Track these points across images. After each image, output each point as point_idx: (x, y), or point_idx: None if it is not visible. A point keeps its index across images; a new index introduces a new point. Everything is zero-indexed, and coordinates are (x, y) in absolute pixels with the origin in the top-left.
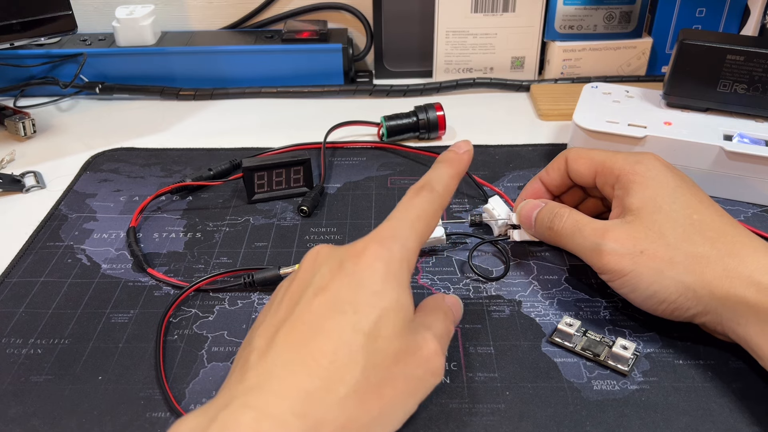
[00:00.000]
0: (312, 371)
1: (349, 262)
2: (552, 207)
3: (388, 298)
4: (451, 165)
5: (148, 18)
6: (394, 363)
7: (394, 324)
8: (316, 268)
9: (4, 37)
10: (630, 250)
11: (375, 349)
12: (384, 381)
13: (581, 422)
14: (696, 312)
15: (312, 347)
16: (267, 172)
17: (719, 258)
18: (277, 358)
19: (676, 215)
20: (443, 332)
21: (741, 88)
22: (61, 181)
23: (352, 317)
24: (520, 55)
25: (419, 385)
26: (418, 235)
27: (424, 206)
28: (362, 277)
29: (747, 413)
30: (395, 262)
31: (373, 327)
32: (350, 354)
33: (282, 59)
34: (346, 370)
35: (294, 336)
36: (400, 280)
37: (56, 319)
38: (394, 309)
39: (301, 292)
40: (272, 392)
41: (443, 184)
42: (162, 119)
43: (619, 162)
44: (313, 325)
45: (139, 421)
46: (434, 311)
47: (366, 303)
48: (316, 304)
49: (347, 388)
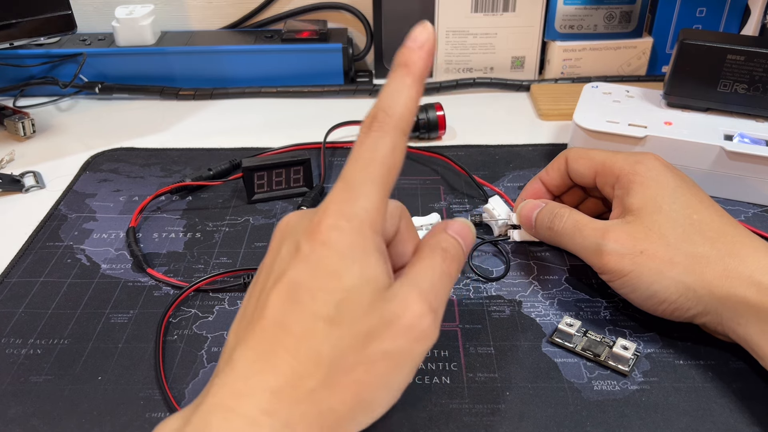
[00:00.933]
0: (276, 368)
1: (305, 243)
2: (552, 207)
3: (349, 275)
4: (408, 72)
5: (147, 18)
6: (366, 343)
7: (360, 302)
8: (276, 252)
9: (3, 36)
10: (630, 250)
11: (340, 335)
12: (356, 366)
13: (581, 422)
14: (696, 312)
15: (273, 343)
16: (267, 172)
17: (719, 258)
18: (241, 356)
19: (676, 215)
20: (435, 282)
21: (741, 88)
22: (61, 181)
23: (310, 306)
24: (521, 55)
25: (404, 357)
26: (379, 184)
27: (379, 145)
28: (317, 258)
29: (747, 413)
30: (354, 231)
31: (334, 312)
32: (313, 346)
33: (282, 59)
34: (311, 363)
35: (257, 332)
36: (364, 248)
37: (56, 319)
38: (357, 286)
39: (265, 281)
40: (239, 391)
41: (400, 104)
42: (162, 119)
43: (619, 162)
44: (272, 320)
45: (138, 421)
46: (429, 255)
47: (323, 287)
48: (275, 295)
49: (315, 382)
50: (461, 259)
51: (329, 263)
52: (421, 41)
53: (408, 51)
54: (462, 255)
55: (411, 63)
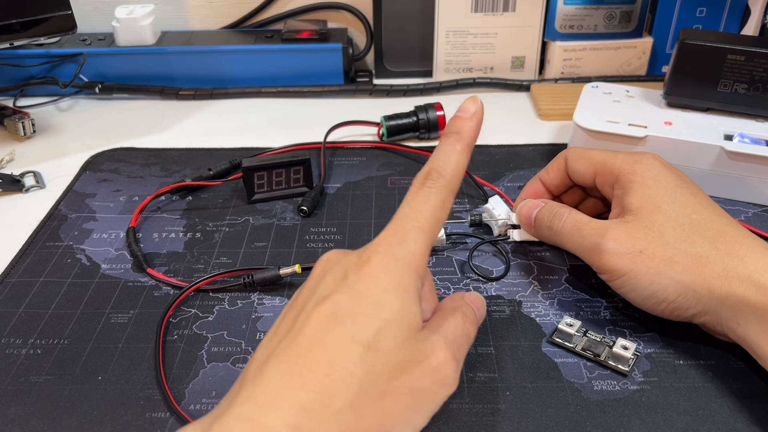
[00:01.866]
0: (307, 383)
1: (353, 273)
2: (551, 207)
3: (390, 307)
4: (459, 138)
5: (147, 18)
6: (396, 375)
7: (396, 334)
8: (321, 278)
9: (3, 36)
10: (629, 249)
11: (374, 361)
12: (384, 394)
13: (582, 422)
14: (695, 312)
15: (309, 359)
16: (267, 172)
17: (719, 258)
18: (273, 369)
19: (675, 215)
20: (458, 337)
21: (741, 87)
22: (61, 181)
23: (350, 328)
24: (521, 55)
25: (426, 398)
26: (426, 233)
27: (430, 199)
28: (363, 288)
29: (747, 413)
30: (400, 270)
31: (372, 338)
32: (347, 366)
33: (282, 59)
34: (343, 382)
35: (292, 348)
36: (406, 288)
37: (56, 319)
38: (397, 319)
39: (305, 303)
40: (266, 404)
41: (451, 166)
42: (162, 119)
43: (618, 162)
44: (311, 337)
45: (139, 421)
46: (451, 314)
47: (365, 314)
48: (316, 315)
49: (344, 402)
50: (477, 326)
51: (373, 293)
52: (471, 112)
53: (459, 121)
54: (477, 322)
55: (462, 132)
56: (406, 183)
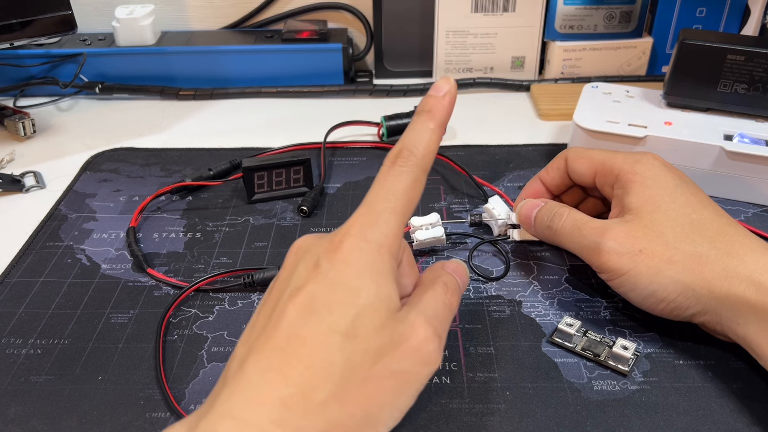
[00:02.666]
0: (288, 378)
1: (325, 260)
2: (551, 206)
3: (366, 293)
4: (431, 117)
5: (147, 18)
6: (376, 360)
7: (374, 319)
8: (294, 268)
9: (3, 36)
10: (629, 249)
11: (353, 349)
12: (366, 381)
13: (581, 422)
14: (695, 311)
15: (287, 353)
16: (267, 172)
17: (718, 257)
18: (254, 366)
19: (675, 214)
20: (439, 311)
21: (741, 88)
22: (61, 181)
23: (327, 318)
24: (521, 55)
25: (410, 378)
26: (398, 213)
27: (402, 178)
28: (337, 275)
29: (747, 413)
30: (373, 252)
31: (350, 326)
32: (326, 357)
33: (282, 59)
34: (323, 374)
35: (270, 343)
36: (381, 270)
37: (56, 319)
38: (373, 303)
39: (279, 295)
40: (249, 400)
41: (423, 144)
42: (162, 119)
43: (618, 162)
44: (288, 330)
45: (139, 421)
46: (431, 286)
47: (341, 301)
48: (291, 307)
49: (325, 393)
50: (459, 295)
51: (348, 280)
52: (444, 91)
53: (432, 99)
54: (459, 291)
55: (435, 110)
56: None
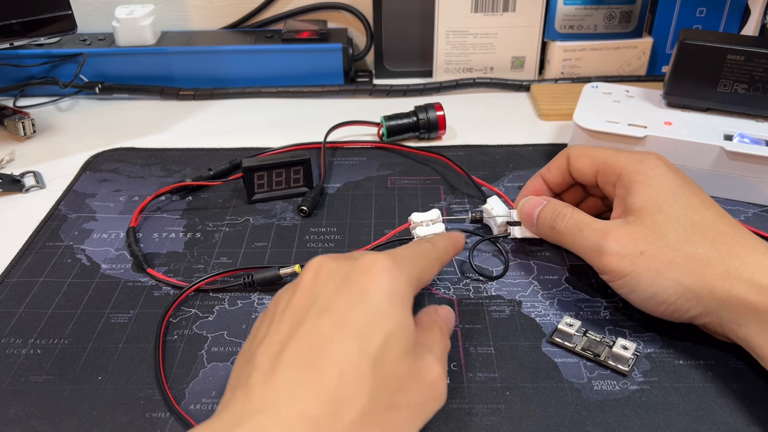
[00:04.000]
0: (319, 396)
1: (356, 278)
2: (555, 206)
3: (392, 321)
4: (450, 238)
5: (147, 18)
6: (398, 389)
7: (398, 349)
8: (320, 284)
9: (3, 36)
10: (630, 251)
11: (381, 374)
12: (389, 407)
13: (581, 422)
14: (696, 313)
15: (319, 370)
16: (267, 172)
17: (720, 259)
18: (283, 380)
19: (677, 216)
20: (443, 351)
21: (741, 88)
22: (61, 181)
23: (358, 340)
24: (520, 55)
25: (421, 411)
26: (419, 270)
27: (426, 251)
28: (369, 296)
29: (747, 413)
30: (403, 282)
31: (378, 351)
32: (357, 378)
33: (282, 59)
34: (353, 394)
35: (300, 358)
36: (404, 303)
37: (56, 319)
38: (398, 333)
39: (306, 310)
40: (280, 417)
41: (443, 245)
42: (162, 119)
43: (621, 161)
44: (319, 348)
45: (139, 421)
46: (430, 328)
47: (372, 325)
48: (323, 325)
49: (354, 414)
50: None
51: (379, 302)
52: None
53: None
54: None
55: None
56: (405, 183)
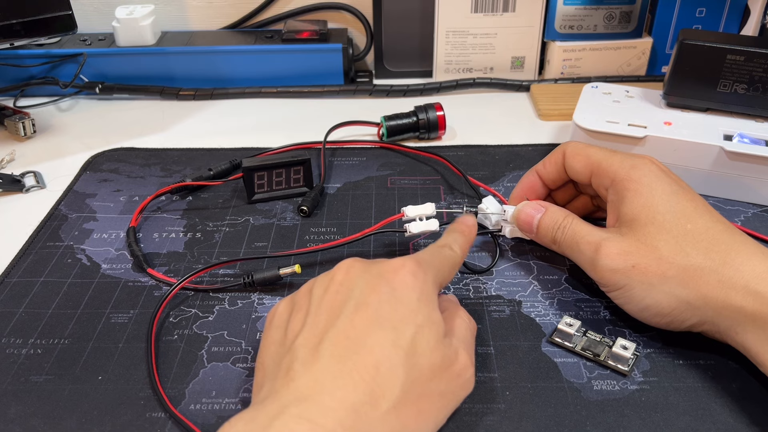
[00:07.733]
0: (358, 385)
1: (387, 277)
2: (555, 216)
3: (422, 315)
4: (463, 234)
5: (147, 18)
6: (430, 378)
7: (428, 340)
8: (353, 281)
9: (4, 36)
10: (621, 265)
11: (413, 364)
12: (421, 396)
13: (581, 422)
14: (693, 323)
15: (357, 361)
16: (267, 172)
17: (713, 269)
18: (324, 370)
19: (669, 225)
20: (470, 339)
21: (741, 88)
22: (61, 181)
23: (391, 333)
24: (520, 55)
25: (451, 399)
26: (442, 274)
27: (447, 257)
28: (400, 294)
29: (747, 413)
30: (429, 283)
31: (410, 343)
32: (391, 369)
33: (282, 59)
34: (389, 384)
35: (339, 350)
36: (432, 300)
37: (56, 319)
38: (428, 325)
39: (342, 304)
40: (323, 405)
41: (459, 247)
42: (162, 119)
43: (615, 165)
44: (356, 340)
45: (139, 421)
46: (455, 316)
47: (403, 319)
48: (358, 319)
49: (389, 403)
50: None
51: (409, 299)
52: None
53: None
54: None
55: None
56: (406, 183)
